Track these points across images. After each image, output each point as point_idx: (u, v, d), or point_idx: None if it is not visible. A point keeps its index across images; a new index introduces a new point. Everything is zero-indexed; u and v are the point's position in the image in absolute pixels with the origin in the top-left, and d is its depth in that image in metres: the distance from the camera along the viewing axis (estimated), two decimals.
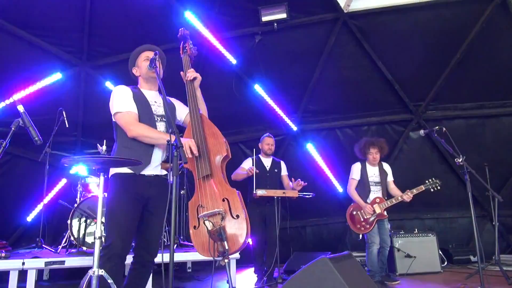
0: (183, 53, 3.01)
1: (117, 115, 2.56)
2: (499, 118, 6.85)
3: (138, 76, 2.78)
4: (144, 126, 2.53)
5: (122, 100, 2.56)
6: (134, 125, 2.52)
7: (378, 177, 4.89)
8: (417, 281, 5.01)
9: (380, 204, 4.68)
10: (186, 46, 3.01)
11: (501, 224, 6.69)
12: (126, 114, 2.54)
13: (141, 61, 2.73)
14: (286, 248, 6.00)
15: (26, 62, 5.39)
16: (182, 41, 3.04)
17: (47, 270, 5.19)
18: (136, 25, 5.48)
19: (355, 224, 4.79)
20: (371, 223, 4.64)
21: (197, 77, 2.83)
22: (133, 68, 2.79)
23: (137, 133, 2.50)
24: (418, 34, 6.18)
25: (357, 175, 4.93)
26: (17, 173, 5.73)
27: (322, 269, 2.23)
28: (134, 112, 2.56)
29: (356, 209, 4.84)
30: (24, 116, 2.48)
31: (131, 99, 2.59)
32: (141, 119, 2.57)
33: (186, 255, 4.74)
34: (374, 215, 4.65)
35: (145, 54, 2.74)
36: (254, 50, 6.15)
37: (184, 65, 2.94)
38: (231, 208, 2.54)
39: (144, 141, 2.53)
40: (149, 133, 2.52)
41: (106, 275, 2.10)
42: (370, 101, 6.88)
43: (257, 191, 4.60)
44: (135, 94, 2.63)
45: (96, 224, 2.17)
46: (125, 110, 2.54)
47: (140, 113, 2.58)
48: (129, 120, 2.53)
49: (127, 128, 2.51)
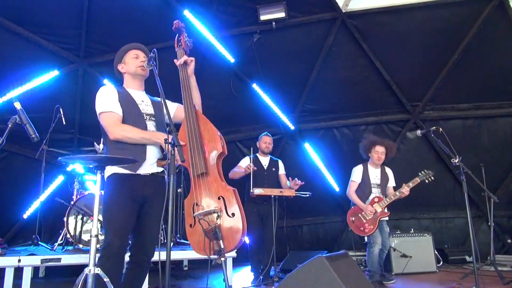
0: (178, 46, 2.93)
1: (100, 116, 2.52)
2: (495, 119, 6.88)
3: (124, 73, 2.74)
4: (127, 128, 2.48)
5: (106, 100, 2.52)
6: (115, 127, 2.47)
7: (379, 179, 4.85)
8: (412, 280, 5.03)
9: (379, 202, 4.63)
10: (181, 39, 2.93)
11: (496, 225, 6.71)
12: (109, 115, 2.49)
13: (129, 58, 2.69)
14: (282, 247, 6.01)
15: (23, 59, 5.37)
16: (177, 34, 2.96)
17: (43, 267, 5.19)
18: (134, 23, 5.47)
19: (358, 227, 4.66)
20: (375, 223, 4.57)
21: (188, 61, 2.78)
22: (118, 64, 2.74)
23: (119, 135, 2.45)
24: (416, 35, 6.20)
25: (358, 178, 4.86)
26: (13, 170, 5.71)
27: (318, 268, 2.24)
28: (117, 113, 2.51)
29: (355, 214, 4.73)
30: (21, 113, 2.48)
31: (116, 100, 2.54)
32: (129, 119, 2.52)
33: (182, 253, 4.75)
34: (376, 214, 4.63)
35: (133, 52, 2.70)
36: (252, 49, 6.15)
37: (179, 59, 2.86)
38: (226, 206, 2.53)
39: (128, 142, 2.47)
40: (131, 134, 2.46)
41: (102, 273, 2.09)
42: (367, 101, 6.90)
43: (254, 189, 4.60)
44: (121, 94, 2.59)
45: (93, 222, 2.16)
46: (108, 110, 2.50)
47: (127, 113, 2.53)
48: (111, 121, 2.48)
49: (109, 130, 2.47)
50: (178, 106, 2.85)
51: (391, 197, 4.63)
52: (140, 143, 2.51)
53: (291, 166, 6.27)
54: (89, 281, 2.06)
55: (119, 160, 2.35)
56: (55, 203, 5.23)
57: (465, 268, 5.79)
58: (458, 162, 3.86)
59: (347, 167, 5.14)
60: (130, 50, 2.73)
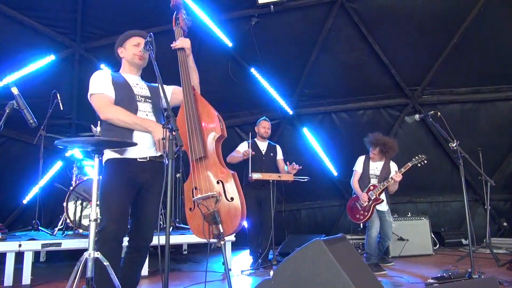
0: (176, 25, 2.88)
1: (91, 97, 2.53)
2: (494, 103, 6.87)
3: (122, 58, 2.73)
4: (119, 109, 2.47)
5: (98, 83, 2.52)
6: (106, 107, 2.47)
7: (379, 171, 4.96)
8: (409, 263, 5.10)
9: (374, 190, 4.79)
10: (179, 17, 2.87)
11: (493, 208, 6.78)
12: (100, 96, 2.49)
13: (130, 45, 2.67)
14: (281, 231, 6.07)
15: (18, 43, 5.31)
16: (175, 12, 2.89)
17: (44, 252, 5.23)
18: (131, 6, 5.38)
19: (354, 215, 4.91)
20: (369, 210, 4.73)
21: (185, 46, 2.76)
22: (119, 47, 2.73)
23: (111, 115, 2.45)
24: (415, 18, 6.13)
25: (359, 168, 5.04)
26: (12, 155, 5.71)
27: (316, 251, 2.26)
28: (109, 95, 2.51)
29: (354, 202, 4.98)
30: (19, 98, 2.46)
31: (109, 82, 2.53)
32: (120, 101, 2.51)
33: (182, 238, 4.80)
34: (370, 201, 4.74)
35: (136, 40, 2.67)
36: (250, 32, 6.08)
37: (176, 37, 2.83)
38: (225, 190, 2.54)
39: (119, 125, 2.47)
40: (124, 117, 2.45)
41: (102, 258, 2.12)
42: (366, 85, 6.87)
43: (252, 174, 4.61)
44: (114, 77, 2.58)
45: (92, 207, 2.17)
46: (99, 92, 2.50)
47: (119, 95, 2.52)
48: (102, 102, 2.48)
49: (100, 110, 2.47)
50: (174, 88, 2.84)
51: (384, 183, 4.77)
52: (132, 128, 2.49)
53: (290, 150, 6.28)
54: (89, 265, 2.09)
55: (116, 143, 2.34)
56: (54, 189, 5.25)
57: (461, 251, 5.87)
58: (456, 146, 3.86)
59: (345, 151, 5.18)
60: (133, 36, 2.71)
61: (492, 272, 4.10)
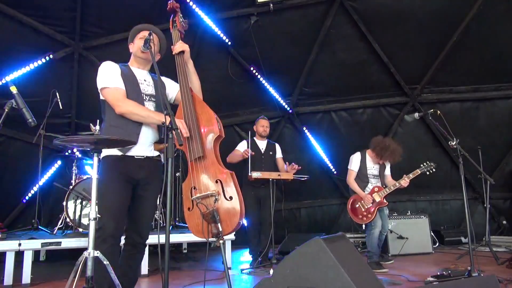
0: (173, 27, 2.88)
1: (104, 91, 2.50)
2: (493, 102, 6.88)
3: (131, 53, 2.73)
4: (133, 103, 2.47)
5: (110, 76, 2.50)
6: (122, 101, 2.46)
7: (378, 170, 4.89)
8: (409, 261, 5.11)
9: (379, 192, 4.68)
10: (175, 19, 2.87)
11: (492, 206, 6.79)
12: (115, 90, 2.47)
13: (137, 39, 2.68)
14: (280, 229, 6.07)
15: (18, 42, 5.30)
16: (172, 15, 2.90)
17: (44, 251, 5.23)
18: (130, 5, 5.38)
19: (357, 215, 4.77)
20: (373, 212, 4.64)
21: (185, 50, 2.75)
22: (130, 43, 2.74)
23: (126, 109, 2.44)
24: (414, 17, 6.13)
25: (355, 167, 4.88)
26: (11, 155, 5.70)
27: (316, 250, 2.26)
28: (122, 88, 2.50)
29: (355, 202, 4.81)
30: (18, 97, 2.45)
31: (119, 76, 2.52)
32: (129, 97, 2.50)
33: (181, 236, 4.80)
34: (375, 203, 4.68)
35: (143, 33, 2.67)
36: (249, 31, 6.08)
37: (174, 41, 2.83)
38: (224, 189, 2.53)
39: (133, 119, 2.47)
40: (139, 111, 2.46)
41: (102, 256, 2.11)
42: (365, 84, 6.87)
43: (252, 173, 4.61)
44: (123, 71, 2.57)
45: (91, 206, 2.16)
46: (113, 86, 2.48)
47: (127, 91, 2.51)
48: (117, 95, 2.46)
49: (116, 104, 2.45)
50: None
51: (390, 187, 4.68)
52: (140, 122, 2.50)
53: (289, 149, 6.29)
54: (88, 264, 2.09)
55: (115, 142, 2.33)
56: (54, 187, 5.25)
57: (460, 249, 5.87)
58: (455, 145, 3.86)
59: (345, 150, 5.16)
60: (142, 30, 2.70)
61: (492, 270, 4.10)
